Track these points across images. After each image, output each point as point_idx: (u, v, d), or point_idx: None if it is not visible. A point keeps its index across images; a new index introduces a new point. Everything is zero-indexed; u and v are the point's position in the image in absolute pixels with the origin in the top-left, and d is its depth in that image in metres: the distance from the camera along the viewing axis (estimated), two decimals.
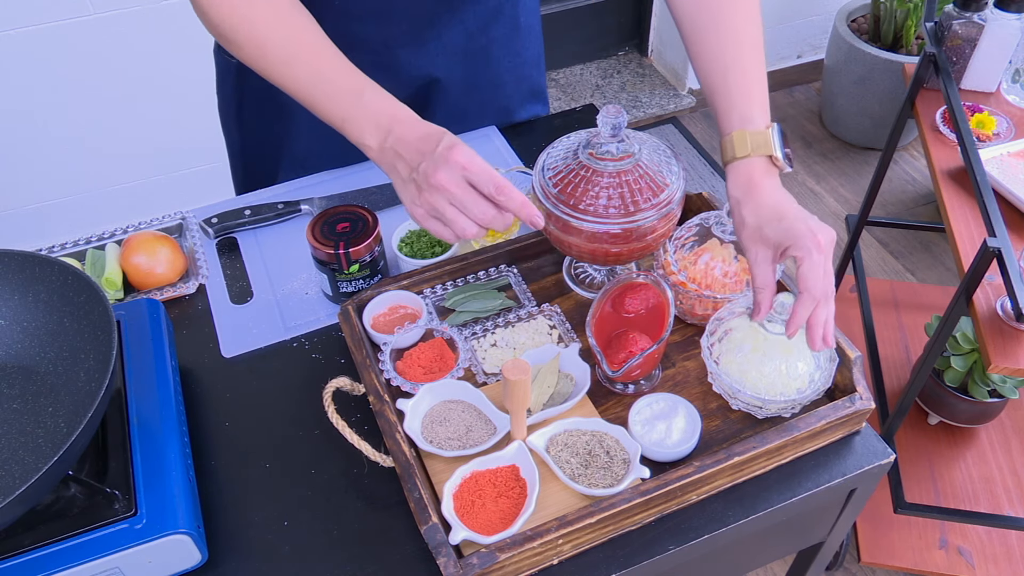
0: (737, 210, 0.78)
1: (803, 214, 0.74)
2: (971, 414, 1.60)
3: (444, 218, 0.73)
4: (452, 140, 0.73)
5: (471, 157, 0.72)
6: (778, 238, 0.74)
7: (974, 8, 1.38)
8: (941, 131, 1.39)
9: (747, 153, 0.78)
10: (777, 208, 0.75)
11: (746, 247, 0.77)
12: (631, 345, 0.79)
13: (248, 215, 1.04)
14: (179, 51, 1.96)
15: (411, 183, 0.75)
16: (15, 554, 0.66)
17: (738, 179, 0.79)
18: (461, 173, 0.71)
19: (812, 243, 0.71)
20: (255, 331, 0.93)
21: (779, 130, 0.80)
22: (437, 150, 0.72)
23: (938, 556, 1.53)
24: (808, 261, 0.71)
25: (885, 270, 2.27)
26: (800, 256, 0.72)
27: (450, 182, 0.71)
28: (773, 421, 0.80)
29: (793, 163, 0.81)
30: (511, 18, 1.09)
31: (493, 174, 0.72)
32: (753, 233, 0.76)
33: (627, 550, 0.72)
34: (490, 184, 0.71)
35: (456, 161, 0.71)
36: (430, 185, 0.72)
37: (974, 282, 1.12)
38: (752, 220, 0.76)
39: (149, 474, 0.70)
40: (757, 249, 0.76)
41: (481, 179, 0.72)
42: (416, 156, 0.74)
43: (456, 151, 0.72)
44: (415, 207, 0.75)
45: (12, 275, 0.77)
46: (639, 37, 2.98)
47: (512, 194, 0.72)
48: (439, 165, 0.72)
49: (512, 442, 0.75)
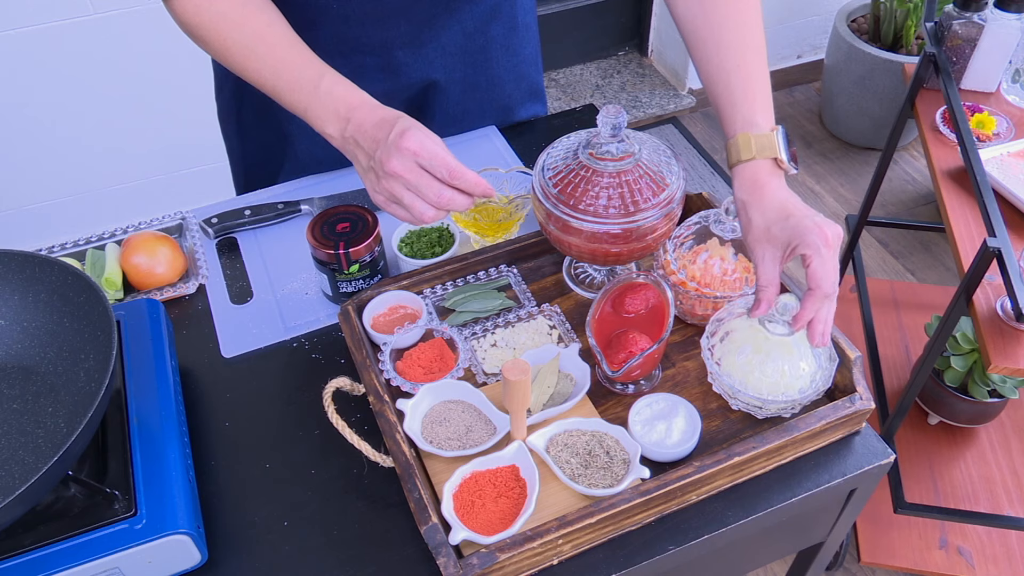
0: (744, 212, 0.78)
1: (809, 211, 0.74)
2: (971, 414, 1.60)
3: (402, 203, 0.75)
4: (404, 126, 0.74)
5: (421, 142, 0.73)
6: (786, 236, 0.73)
7: (974, 8, 1.38)
8: (941, 131, 1.39)
9: (752, 156, 0.78)
10: (783, 207, 0.75)
11: (752, 248, 0.77)
12: (631, 345, 0.79)
13: (248, 215, 1.04)
14: (179, 51, 1.94)
15: (370, 171, 0.77)
16: (15, 554, 0.66)
17: (744, 181, 0.79)
18: (413, 159, 0.73)
19: (820, 239, 0.71)
20: (255, 331, 0.93)
21: (784, 132, 0.79)
22: (390, 137, 0.74)
23: (938, 556, 1.53)
24: (817, 258, 0.71)
25: (885, 270, 2.27)
26: (809, 254, 0.71)
27: (403, 169, 0.73)
28: (773, 421, 0.80)
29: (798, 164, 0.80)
30: (509, 17, 1.09)
31: (444, 158, 0.73)
32: (761, 234, 0.76)
33: (627, 550, 0.72)
34: (442, 169, 0.74)
35: (407, 148, 0.73)
36: (385, 173, 0.74)
37: (974, 282, 1.12)
38: (759, 220, 0.76)
39: (149, 474, 0.70)
40: (764, 249, 0.75)
41: (433, 164, 0.73)
42: (372, 144, 0.75)
43: (407, 138, 0.73)
44: (375, 194, 0.77)
45: (12, 275, 0.77)
46: (639, 37, 2.98)
47: (465, 175, 0.74)
48: (391, 153, 0.73)
49: (512, 442, 0.75)
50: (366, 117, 0.77)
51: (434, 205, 0.75)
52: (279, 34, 0.83)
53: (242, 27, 0.82)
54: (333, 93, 0.79)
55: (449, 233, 0.99)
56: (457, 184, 0.74)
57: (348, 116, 0.77)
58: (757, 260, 0.76)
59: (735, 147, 0.79)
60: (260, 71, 0.82)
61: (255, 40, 0.82)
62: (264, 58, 0.82)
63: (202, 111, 1.22)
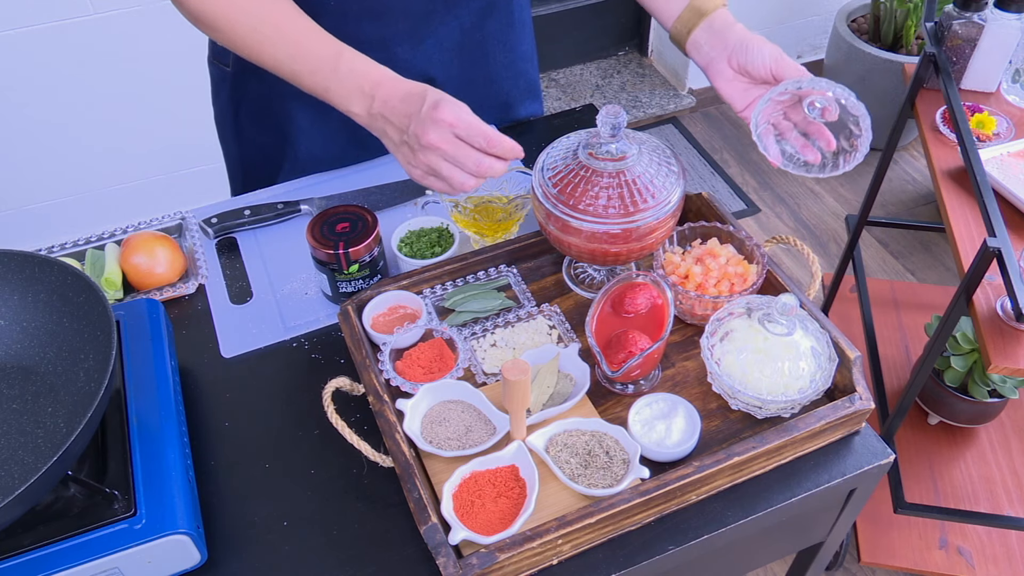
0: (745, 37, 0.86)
1: None
2: (971, 414, 1.60)
3: (440, 175, 0.76)
4: (435, 98, 0.74)
5: (456, 113, 0.74)
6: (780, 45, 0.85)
7: (974, 8, 1.38)
8: (941, 131, 1.39)
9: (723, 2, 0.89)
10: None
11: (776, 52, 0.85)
12: (631, 345, 0.79)
13: (248, 215, 1.04)
14: (179, 51, 1.95)
15: (403, 146, 0.77)
16: (15, 554, 0.66)
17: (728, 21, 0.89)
18: (449, 131, 0.74)
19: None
20: (255, 331, 0.93)
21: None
22: (423, 111, 0.74)
23: (938, 556, 1.53)
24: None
25: (885, 270, 2.27)
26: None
27: (441, 141, 0.74)
28: (773, 421, 0.80)
29: None
30: (506, 13, 1.09)
31: (480, 127, 0.74)
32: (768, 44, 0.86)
33: (627, 550, 0.72)
34: (480, 138, 0.74)
35: (443, 120, 0.73)
36: (422, 146, 0.74)
37: (974, 282, 1.12)
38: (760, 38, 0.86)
39: (149, 474, 0.70)
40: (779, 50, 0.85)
41: (470, 134, 0.74)
42: (403, 119, 0.76)
43: (441, 109, 0.73)
44: (412, 168, 0.77)
45: (12, 275, 0.77)
46: (639, 37, 2.98)
47: (503, 142, 0.75)
48: (427, 126, 0.73)
49: (512, 442, 0.75)
50: (392, 92, 0.77)
51: (473, 174, 0.75)
52: (291, 18, 0.83)
53: (254, 14, 0.82)
54: (354, 71, 0.79)
55: (449, 233, 0.99)
56: (495, 151, 0.75)
57: (372, 93, 0.78)
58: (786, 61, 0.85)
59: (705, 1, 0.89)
60: (276, 56, 0.82)
61: (269, 26, 0.82)
62: (279, 43, 0.82)
63: (202, 111, 1.22)
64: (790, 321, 0.78)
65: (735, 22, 0.90)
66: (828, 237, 2.36)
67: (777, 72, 0.85)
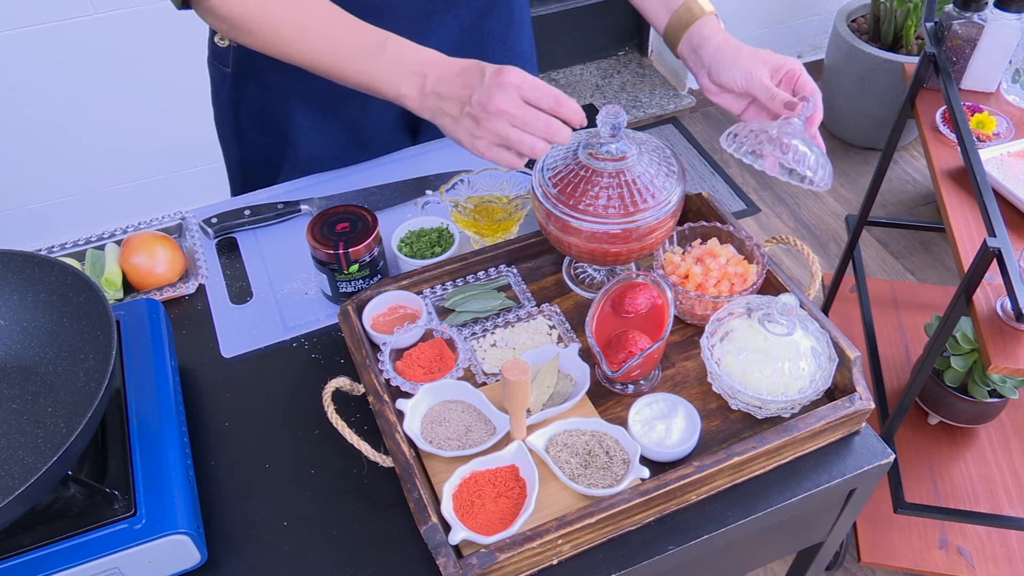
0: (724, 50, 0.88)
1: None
2: (971, 414, 1.60)
3: (509, 141, 0.75)
4: (496, 66, 0.75)
5: (523, 76, 0.74)
6: (774, 60, 0.87)
7: (974, 8, 1.38)
8: (941, 131, 1.39)
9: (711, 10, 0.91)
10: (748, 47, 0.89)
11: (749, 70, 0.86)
12: (631, 345, 0.79)
13: (248, 215, 1.04)
14: (179, 51, 1.95)
15: (465, 118, 0.76)
16: (15, 554, 0.66)
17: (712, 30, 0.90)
18: (517, 93, 0.73)
19: (794, 62, 0.87)
20: (255, 331, 0.93)
21: None
22: (486, 79, 0.74)
23: (938, 556, 1.53)
24: (803, 72, 0.87)
25: (885, 270, 2.27)
26: (796, 69, 0.86)
27: (509, 104, 0.73)
28: (773, 421, 0.80)
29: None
30: (506, 12, 1.09)
31: (548, 88, 0.74)
32: (754, 57, 0.87)
33: (627, 550, 0.72)
34: (548, 99, 0.74)
35: (510, 83, 0.73)
36: (488, 112, 0.74)
37: (974, 282, 1.12)
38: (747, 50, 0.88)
39: (149, 474, 0.70)
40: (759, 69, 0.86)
41: (538, 95, 0.74)
42: (463, 91, 0.75)
43: (507, 73, 0.73)
44: (476, 140, 0.76)
45: (12, 275, 0.76)
46: (639, 37, 2.98)
47: (570, 102, 0.75)
48: (493, 91, 0.73)
49: (512, 442, 0.75)
50: (446, 68, 0.77)
51: (543, 136, 0.75)
52: (328, 11, 0.83)
53: (293, 12, 0.82)
54: (401, 53, 0.79)
55: (449, 233, 0.99)
56: (562, 113, 0.75)
57: (424, 72, 0.77)
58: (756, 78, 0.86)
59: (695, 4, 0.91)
60: (316, 50, 0.82)
61: (307, 21, 0.82)
62: (319, 37, 0.82)
63: (202, 111, 1.22)
64: (790, 321, 0.78)
65: (711, 35, 0.90)
66: (828, 237, 2.37)
67: (750, 91, 0.87)
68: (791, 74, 0.86)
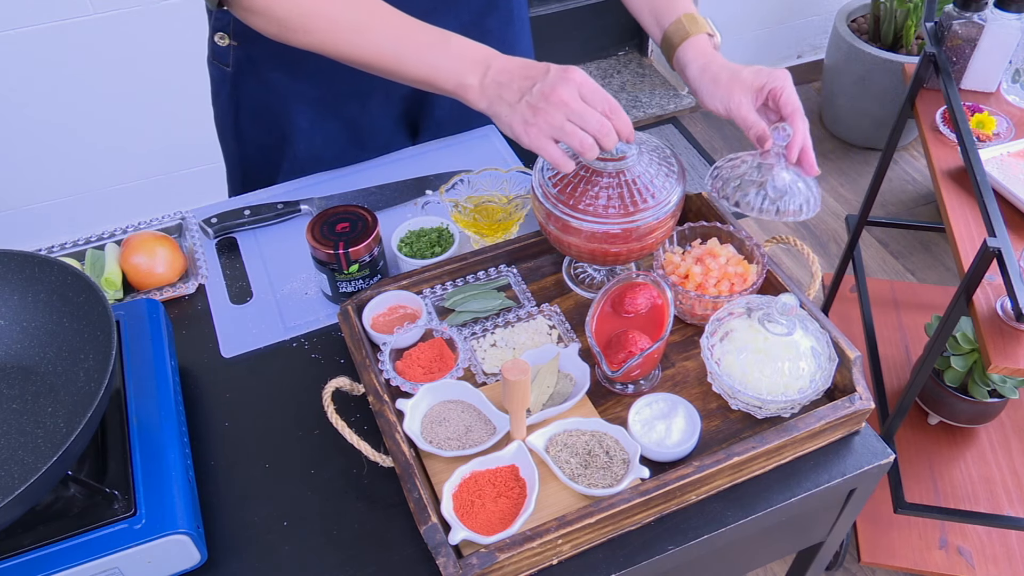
0: (707, 72, 0.90)
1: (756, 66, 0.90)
2: (971, 414, 1.60)
3: (563, 132, 0.77)
4: (562, 65, 0.79)
5: (585, 77, 0.78)
6: (755, 79, 0.87)
7: (974, 8, 1.38)
8: (941, 131, 1.39)
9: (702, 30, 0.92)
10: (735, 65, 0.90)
11: (728, 98, 0.88)
12: (631, 345, 0.79)
13: (248, 215, 1.04)
14: (179, 51, 1.95)
15: (523, 105, 0.79)
16: (15, 554, 0.66)
17: (698, 52, 0.92)
18: (577, 89, 0.77)
19: (781, 75, 0.87)
20: (255, 331, 0.93)
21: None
22: (550, 72, 0.78)
23: (938, 556, 1.53)
24: (787, 87, 0.86)
25: (885, 270, 2.27)
26: (779, 86, 0.86)
27: (570, 98, 0.76)
28: (772, 421, 0.80)
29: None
30: (506, 11, 1.09)
31: (604, 93, 0.78)
32: (733, 83, 0.88)
33: (627, 550, 0.72)
34: (604, 103, 0.78)
35: (573, 79, 0.77)
36: (549, 102, 0.77)
37: (974, 282, 1.12)
38: (726, 75, 0.89)
39: (148, 474, 0.70)
40: (740, 96, 0.87)
41: (596, 97, 0.78)
42: (525, 81, 0.79)
43: (571, 71, 0.78)
44: (529, 127, 0.79)
45: (12, 275, 0.76)
46: (639, 37, 2.98)
47: (622, 113, 0.79)
48: (556, 84, 0.77)
49: (512, 442, 0.75)
50: (510, 61, 0.81)
51: (594, 134, 0.77)
52: (382, 9, 0.85)
53: (351, 6, 0.84)
54: (465, 46, 0.83)
55: (449, 233, 0.99)
56: (614, 120, 0.78)
57: (488, 63, 0.81)
58: (734, 107, 0.88)
59: (689, 22, 0.92)
60: (378, 43, 0.84)
61: (368, 16, 0.84)
62: (380, 30, 0.84)
63: (202, 111, 1.22)
64: (790, 321, 0.78)
65: (694, 58, 0.91)
66: (828, 237, 2.36)
67: (731, 117, 0.89)
68: (773, 93, 0.87)
